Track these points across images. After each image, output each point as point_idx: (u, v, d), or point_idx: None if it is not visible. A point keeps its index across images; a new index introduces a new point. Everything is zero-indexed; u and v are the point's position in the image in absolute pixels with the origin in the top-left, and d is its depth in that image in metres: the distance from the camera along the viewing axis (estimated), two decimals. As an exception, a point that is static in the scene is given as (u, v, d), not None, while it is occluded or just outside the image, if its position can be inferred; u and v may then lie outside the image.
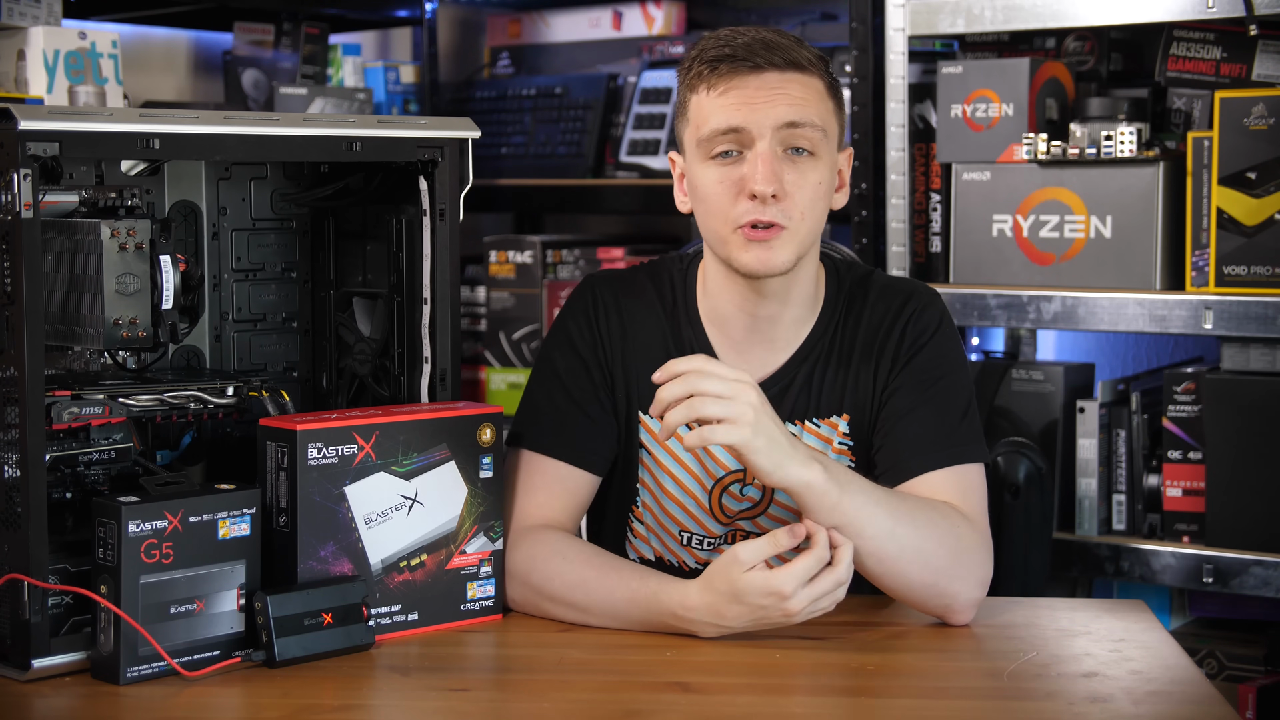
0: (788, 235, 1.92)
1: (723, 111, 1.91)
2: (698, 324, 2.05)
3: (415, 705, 1.70)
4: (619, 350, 2.05)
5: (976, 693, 1.71)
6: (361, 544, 1.85)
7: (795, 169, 1.92)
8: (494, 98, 3.70)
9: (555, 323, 2.09)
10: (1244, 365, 2.70)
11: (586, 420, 2.03)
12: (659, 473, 2.05)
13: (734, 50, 1.92)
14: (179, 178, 2.05)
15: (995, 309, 2.80)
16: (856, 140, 2.96)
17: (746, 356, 2.03)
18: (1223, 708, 1.65)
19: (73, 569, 1.75)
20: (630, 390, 2.04)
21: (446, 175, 1.99)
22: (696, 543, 2.05)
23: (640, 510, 2.07)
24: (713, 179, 1.93)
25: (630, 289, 2.08)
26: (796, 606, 1.77)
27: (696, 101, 1.95)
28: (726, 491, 2.03)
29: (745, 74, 1.91)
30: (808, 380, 2.02)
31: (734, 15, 3.66)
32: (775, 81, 1.91)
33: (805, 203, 1.92)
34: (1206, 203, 2.65)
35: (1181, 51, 2.78)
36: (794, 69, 1.92)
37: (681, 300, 2.06)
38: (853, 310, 2.04)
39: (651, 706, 1.67)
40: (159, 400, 1.88)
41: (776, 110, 1.90)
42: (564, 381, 2.04)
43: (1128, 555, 2.76)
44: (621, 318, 2.06)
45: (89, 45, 2.77)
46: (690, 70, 1.96)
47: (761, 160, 1.89)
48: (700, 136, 1.93)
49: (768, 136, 1.90)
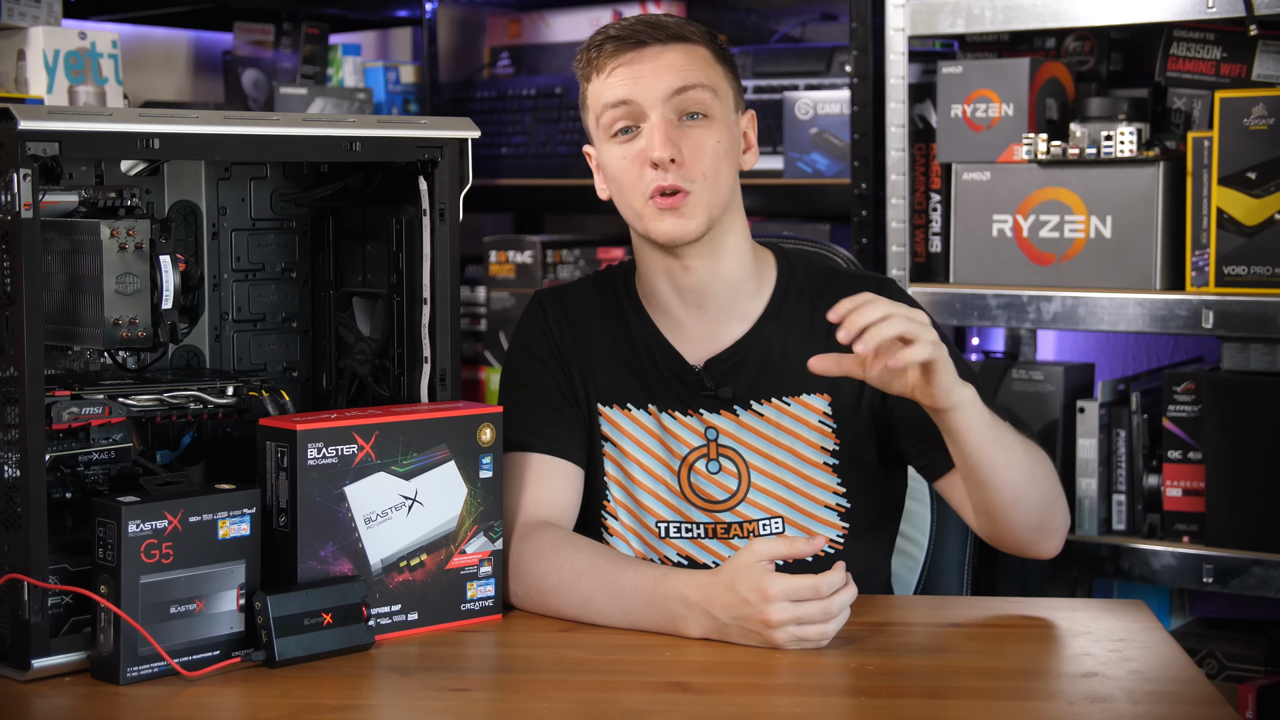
0: (694, 199, 1.98)
1: (613, 88, 1.99)
2: (642, 312, 2.10)
3: (415, 705, 1.70)
4: (571, 349, 2.10)
5: (976, 693, 1.71)
6: (361, 544, 1.85)
7: (691, 134, 1.99)
8: (494, 98, 3.71)
9: (511, 341, 2.16)
10: (1244, 365, 2.70)
11: (555, 413, 2.06)
12: (625, 462, 2.07)
13: (618, 32, 2.01)
14: (179, 178, 2.05)
15: (995, 309, 2.80)
16: (856, 140, 2.97)
17: (692, 333, 2.07)
18: (1223, 708, 1.65)
19: (73, 569, 1.75)
20: (588, 386, 2.09)
21: (446, 175, 1.99)
22: (675, 531, 2.06)
23: (613, 506, 2.08)
24: (617, 156, 2.01)
25: (575, 295, 2.15)
26: (775, 615, 1.77)
27: (591, 89, 2.03)
28: (694, 470, 2.05)
29: (629, 51, 1.99)
30: (768, 355, 2.05)
31: (734, 15, 3.67)
32: (658, 52, 1.99)
33: (706, 164, 1.98)
34: (1206, 203, 2.65)
35: (1181, 51, 2.78)
36: (677, 41, 2.00)
37: (624, 295, 2.12)
38: (822, 295, 2.05)
39: (651, 706, 1.67)
40: (159, 400, 1.88)
41: (664, 79, 1.98)
42: (527, 383, 2.08)
43: (1128, 555, 2.76)
44: (570, 320, 2.11)
45: (89, 45, 2.77)
46: (581, 60, 2.04)
47: (656, 129, 1.97)
48: (597, 115, 2.01)
49: (659, 106, 1.98)
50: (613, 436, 2.08)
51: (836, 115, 3.12)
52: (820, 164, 3.16)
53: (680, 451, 2.06)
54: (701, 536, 2.05)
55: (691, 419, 2.06)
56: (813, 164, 3.17)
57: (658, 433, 2.06)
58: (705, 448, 2.05)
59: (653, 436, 2.07)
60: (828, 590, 1.79)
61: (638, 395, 2.07)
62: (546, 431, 2.05)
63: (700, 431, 2.05)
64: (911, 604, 2.12)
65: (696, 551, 2.05)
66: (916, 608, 2.06)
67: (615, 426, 2.08)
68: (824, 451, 2.05)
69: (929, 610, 2.02)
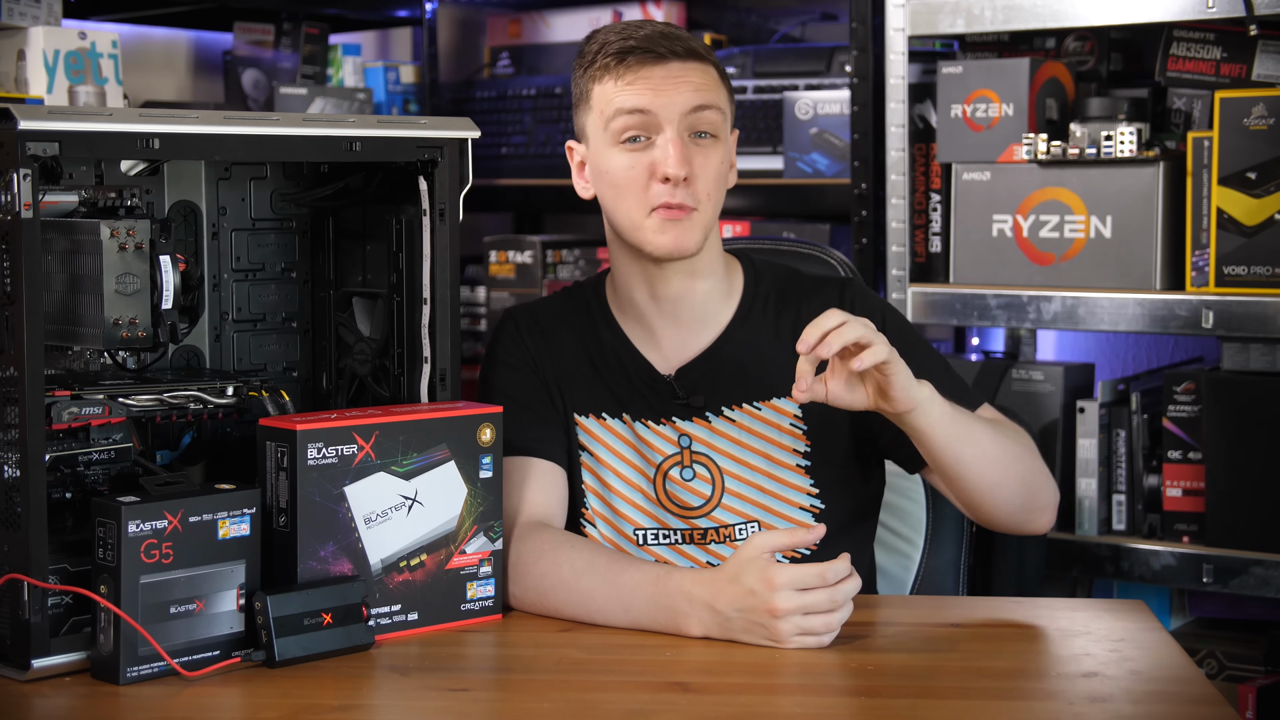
0: (697, 217, 2.01)
1: (631, 96, 2.00)
2: (614, 324, 2.12)
3: (415, 705, 1.70)
4: (546, 360, 2.12)
5: (976, 693, 1.71)
6: (361, 544, 1.85)
7: (700, 152, 2.01)
8: (494, 98, 3.71)
9: (484, 358, 2.17)
10: (1244, 365, 2.70)
11: (537, 417, 2.08)
12: (601, 470, 2.08)
13: (638, 42, 2.01)
14: (179, 178, 2.05)
15: (995, 309, 2.80)
16: (856, 140, 2.97)
17: (663, 342, 2.09)
18: (1223, 708, 1.65)
19: (73, 569, 1.75)
20: (564, 396, 2.10)
21: (446, 175, 1.99)
22: (652, 538, 2.06)
23: (590, 514, 2.08)
24: (623, 164, 2.01)
25: (546, 309, 2.17)
26: (781, 603, 1.77)
27: (602, 91, 2.02)
28: (668, 478, 2.06)
29: (651, 64, 2.00)
30: (739, 362, 2.07)
31: (734, 15, 3.66)
32: (678, 69, 2.00)
33: (710, 184, 2.01)
34: (1206, 203, 2.65)
35: (1181, 51, 2.78)
36: (693, 58, 2.02)
37: (596, 307, 2.14)
38: (787, 301, 2.10)
39: (651, 706, 1.67)
40: (159, 400, 1.88)
41: (683, 96, 1.99)
42: (506, 392, 2.09)
43: (1128, 555, 2.76)
44: (543, 333, 2.13)
45: (89, 45, 2.77)
46: (595, 63, 2.03)
47: (673, 144, 1.98)
48: (609, 121, 2.01)
49: (675, 121, 1.99)
50: (589, 445, 2.09)
51: (836, 115, 3.12)
52: (820, 164, 3.16)
53: (655, 459, 2.07)
54: (679, 542, 2.06)
55: (665, 427, 2.07)
56: (813, 164, 3.17)
57: (632, 441, 2.08)
58: (679, 455, 2.07)
59: (628, 445, 2.08)
60: (834, 578, 1.79)
61: (611, 405, 2.09)
62: (531, 434, 2.06)
63: (674, 439, 2.07)
64: (911, 604, 2.13)
65: (674, 558, 2.06)
66: (916, 608, 2.06)
67: (591, 435, 2.09)
68: (795, 454, 2.06)
69: (929, 610, 2.02)
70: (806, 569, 1.79)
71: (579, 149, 2.09)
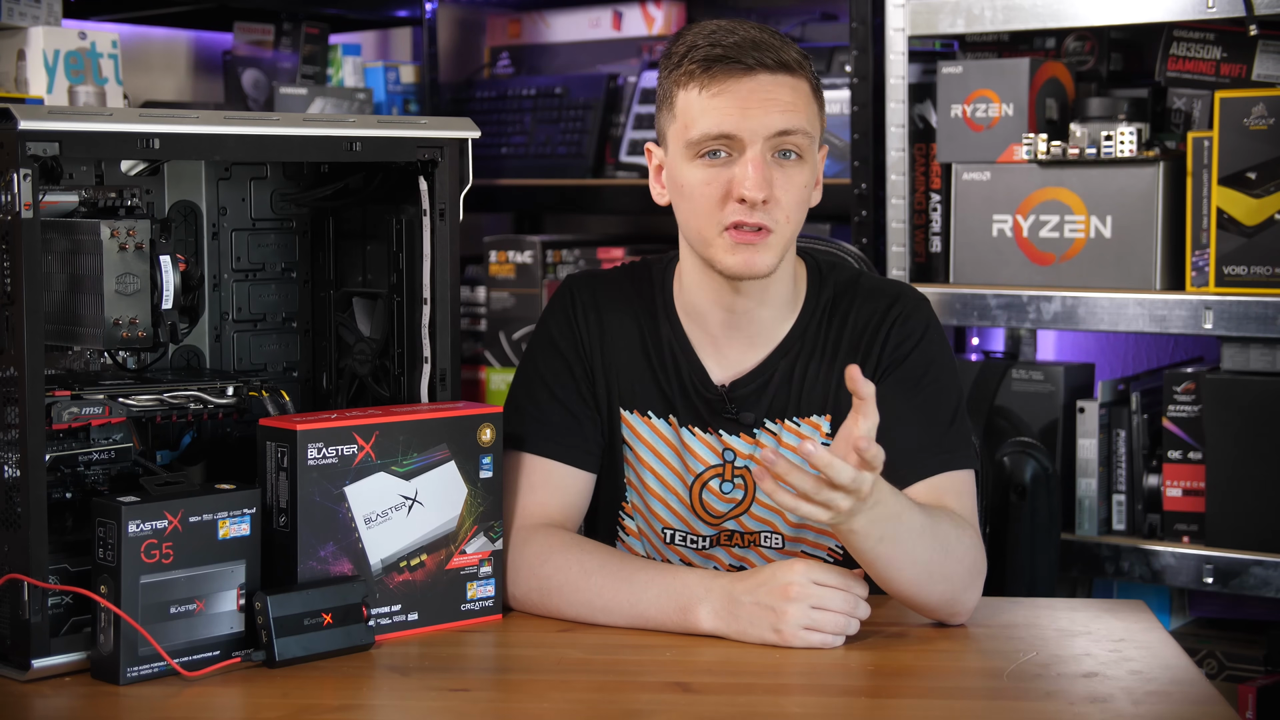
0: (774, 239, 1.92)
1: (715, 115, 1.91)
2: (675, 321, 2.06)
3: (415, 705, 1.70)
4: (598, 347, 2.06)
5: (976, 693, 1.71)
6: (361, 544, 1.85)
7: (783, 173, 1.93)
8: (494, 98, 3.70)
9: (537, 325, 2.11)
10: (1244, 365, 2.70)
11: (571, 418, 2.04)
12: (641, 470, 2.06)
13: (726, 50, 1.91)
14: (179, 178, 2.05)
15: (995, 309, 2.80)
16: (856, 140, 2.96)
17: (724, 351, 2.04)
18: (1223, 708, 1.65)
19: (73, 569, 1.75)
20: (610, 386, 2.06)
21: (446, 175, 1.99)
22: (680, 539, 2.06)
23: (629, 507, 2.08)
24: (700, 179, 1.93)
25: (609, 288, 2.09)
26: (797, 586, 1.79)
27: (685, 99, 1.94)
28: (706, 488, 2.04)
29: (739, 76, 1.91)
30: (788, 377, 2.03)
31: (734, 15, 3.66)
32: (768, 85, 1.91)
33: (791, 206, 1.93)
34: (1206, 203, 2.65)
35: (1181, 51, 2.78)
36: (784, 71, 1.92)
37: (660, 298, 2.07)
38: (838, 310, 2.04)
39: (651, 706, 1.67)
40: (159, 400, 1.88)
41: (770, 118, 1.91)
42: (546, 381, 2.05)
43: (1128, 555, 2.76)
44: (600, 315, 2.07)
45: (89, 45, 2.77)
46: (680, 67, 1.94)
47: (753, 166, 1.90)
48: (690, 138, 1.93)
49: (759, 143, 1.91)
50: (630, 442, 2.06)
51: (836, 115, 3.12)
52: (820, 164, 3.15)
53: (696, 468, 2.04)
54: (705, 547, 2.06)
55: (710, 437, 2.04)
56: (813, 164, 3.16)
57: (676, 445, 2.05)
58: (721, 468, 2.04)
59: (670, 448, 2.05)
60: (853, 582, 1.82)
61: (659, 405, 2.05)
62: (561, 438, 2.03)
63: (719, 451, 2.04)
64: (911, 604, 2.12)
65: (699, 560, 2.06)
66: (916, 608, 2.06)
67: (634, 432, 2.06)
68: None
69: (929, 610, 2.02)
70: (830, 568, 1.82)
71: (657, 153, 2.02)
